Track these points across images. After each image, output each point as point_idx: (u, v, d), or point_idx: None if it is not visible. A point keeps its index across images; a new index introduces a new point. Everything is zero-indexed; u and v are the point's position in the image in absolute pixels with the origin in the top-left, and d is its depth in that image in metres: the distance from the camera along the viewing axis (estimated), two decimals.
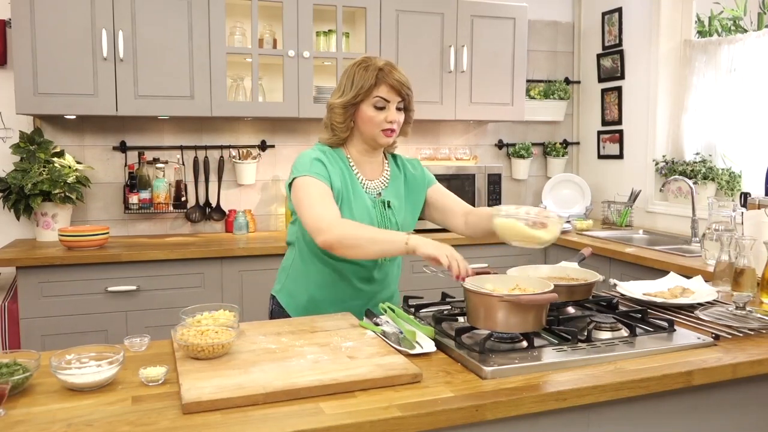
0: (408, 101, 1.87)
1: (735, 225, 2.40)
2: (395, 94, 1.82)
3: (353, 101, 1.82)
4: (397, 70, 1.84)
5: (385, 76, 1.81)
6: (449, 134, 4.13)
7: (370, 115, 1.82)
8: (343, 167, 1.87)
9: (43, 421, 1.15)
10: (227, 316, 1.60)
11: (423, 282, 3.19)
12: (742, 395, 1.55)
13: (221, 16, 3.22)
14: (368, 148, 1.90)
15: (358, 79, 1.82)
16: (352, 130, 1.88)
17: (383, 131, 1.84)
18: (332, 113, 1.86)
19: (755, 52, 3.30)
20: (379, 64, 1.82)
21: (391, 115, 1.83)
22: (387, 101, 1.82)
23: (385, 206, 1.90)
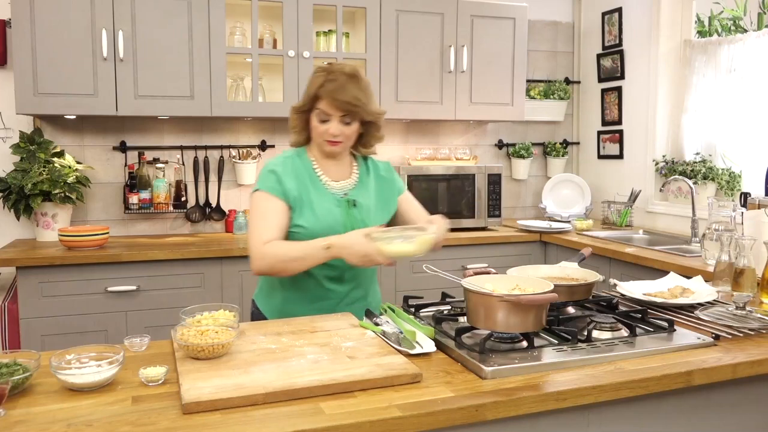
0: (355, 115, 1.85)
1: (735, 225, 2.40)
2: (336, 109, 1.82)
3: (303, 109, 1.87)
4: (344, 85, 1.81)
5: (327, 90, 1.81)
6: (449, 134, 4.13)
7: (315, 126, 1.86)
8: (304, 171, 1.89)
9: (43, 421, 1.15)
10: (227, 316, 1.60)
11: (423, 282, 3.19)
12: (742, 395, 1.55)
13: (221, 16, 3.22)
14: (325, 158, 1.93)
15: (309, 88, 1.86)
16: (307, 133, 1.92)
17: (327, 141, 1.86)
18: (291, 115, 1.93)
19: (755, 52, 3.30)
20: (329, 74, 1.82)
21: (333, 129, 1.84)
22: (328, 115, 1.83)
23: (351, 205, 1.90)
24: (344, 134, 1.86)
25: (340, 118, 1.83)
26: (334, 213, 1.87)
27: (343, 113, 1.83)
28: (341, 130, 1.84)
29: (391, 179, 2.05)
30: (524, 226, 3.73)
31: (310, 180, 1.89)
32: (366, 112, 1.86)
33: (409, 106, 3.62)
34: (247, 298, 3.12)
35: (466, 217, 3.68)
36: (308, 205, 1.85)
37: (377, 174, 2.02)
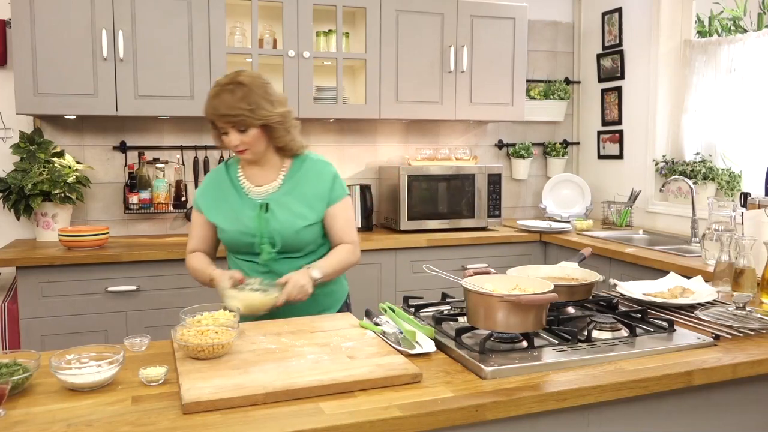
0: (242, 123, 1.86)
1: (735, 225, 2.40)
2: (220, 122, 1.87)
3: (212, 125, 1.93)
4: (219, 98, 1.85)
5: (208, 107, 1.88)
6: (449, 134, 4.13)
7: (221, 139, 1.93)
8: (228, 180, 2.02)
9: (43, 421, 1.15)
10: (227, 316, 1.60)
11: (423, 282, 3.19)
12: (742, 395, 1.55)
13: (221, 16, 3.22)
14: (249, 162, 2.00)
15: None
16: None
17: (236, 152, 1.93)
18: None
19: (755, 52, 3.30)
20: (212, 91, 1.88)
21: (230, 140, 1.89)
22: (221, 127, 1.89)
23: (263, 210, 1.94)
24: (245, 142, 1.89)
25: (234, 129, 1.87)
26: (247, 217, 1.95)
27: (231, 124, 1.86)
28: (240, 139, 1.88)
29: (325, 185, 2.00)
30: (524, 226, 3.73)
31: (234, 188, 2.00)
32: (253, 117, 1.86)
33: (409, 106, 3.62)
34: None
35: (466, 217, 3.68)
36: (226, 212, 1.98)
37: (309, 177, 2.01)
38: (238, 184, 2.01)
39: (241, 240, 1.96)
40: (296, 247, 1.98)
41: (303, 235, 1.97)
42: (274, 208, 1.95)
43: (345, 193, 2.05)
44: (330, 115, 3.50)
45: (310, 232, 1.98)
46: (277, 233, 1.94)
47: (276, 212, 1.95)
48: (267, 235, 1.93)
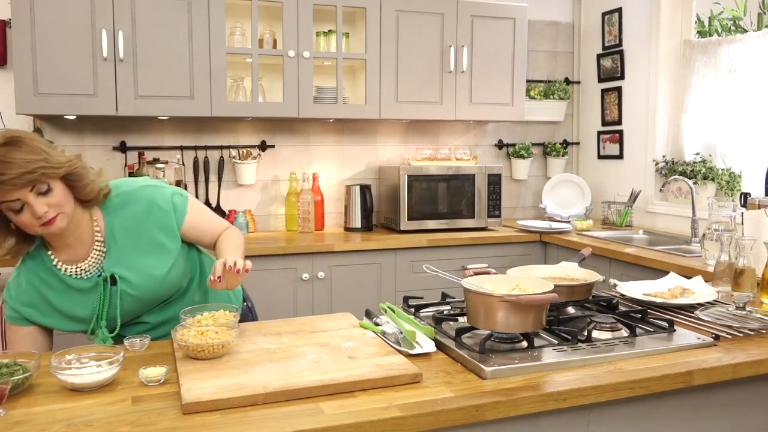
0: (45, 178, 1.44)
1: (735, 225, 2.40)
2: (17, 189, 1.41)
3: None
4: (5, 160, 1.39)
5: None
6: (449, 134, 4.13)
7: (15, 220, 1.47)
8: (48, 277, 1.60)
9: (43, 421, 1.15)
10: (227, 316, 1.60)
11: (423, 282, 3.20)
12: (742, 395, 1.55)
13: (221, 16, 3.22)
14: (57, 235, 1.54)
15: None
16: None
17: (41, 227, 1.47)
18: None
19: (755, 52, 3.30)
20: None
21: (37, 210, 1.44)
22: (16, 200, 1.43)
23: (108, 284, 1.62)
24: (53, 204, 1.47)
25: (33, 194, 1.44)
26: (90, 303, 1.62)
27: (30, 186, 1.43)
28: (46, 202, 1.46)
29: (155, 212, 1.65)
30: (524, 227, 3.73)
31: (56, 279, 1.60)
32: (53, 166, 1.46)
33: (409, 106, 3.62)
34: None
35: (466, 217, 3.68)
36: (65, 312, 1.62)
37: (135, 216, 1.64)
38: (56, 272, 1.59)
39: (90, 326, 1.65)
40: (164, 298, 1.70)
41: (169, 281, 1.67)
42: (122, 275, 1.61)
43: (184, 198, 1.71)
44: (330, 115, 3.50)
45: (174, 274, 1.68)
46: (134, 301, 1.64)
47: (126, 277, 1.61)
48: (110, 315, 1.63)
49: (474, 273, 1.71)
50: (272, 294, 3.15)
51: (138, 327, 1.73)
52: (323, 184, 3.78)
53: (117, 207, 1.64)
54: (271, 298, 3.14)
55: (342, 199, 3.84)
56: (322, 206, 3.70)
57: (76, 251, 1.60)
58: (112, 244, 1.62)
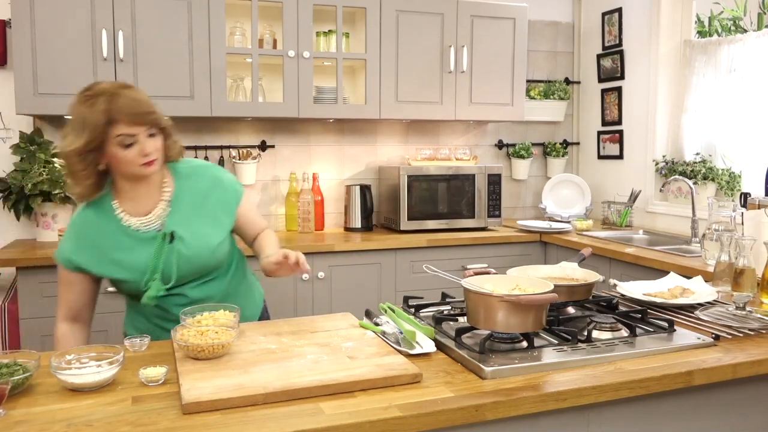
0: (157, 123, 1.63)
1: (735, 225, 2.40)
2: (139, 125, 1.58)
3: (90, 147, 1.57)
4: (133, 97, 1.59)
5: (118, 111, 1.55)
6: (449, 134, 4.13)
7: (121, 156, 1.59)
8: (108, 224, 1.68)
9: (43, 421, 1.15)
10: (227, 317, 1.60)
11: (423, 282, 3.20)
12: (742, 395, 1.55)
13: (221, 16, 3.22)
14: (133, 183, 1.67)
15: (88, 120, 1.55)
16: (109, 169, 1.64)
17: (143, 165, 1.61)
18: (68, 162, 1.60)
19: (755, 52, 3.30)
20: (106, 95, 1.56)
21: (145, 148, 1.60)
22: (133, 135, 1.58)
23: (167, 240, 1.68)
24: (157, 149, 1.63)
25: (146, 134, 1.60)
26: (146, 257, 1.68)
27: (148, 126, 1.60)
28: (153, 145, 1.62)
29: (218, 190, 1.79)
30: (524, 227, 3.73)
31: (117, 228, 1.68)
32: (161, 117, 1.65)
33: (409, 106, 3.62)
34: None
35: (466, 217, 3.68)
36: (115, 263, 1.68)
37: (197, 186, 1.77)
38: (119, 222, 1.68)
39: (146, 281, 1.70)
40: (206, 270, 1.76)
41: (218, 254, 1.76)
42: (181, 235, 1.69)
43: (242, 187, 1.87)
44: (330, 115, 3.50)
45: (222, 250, 1.78)
46: (184, 262, 1.70)
47: (184, 238, 1.69)
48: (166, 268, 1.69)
49: (474, 273, 1.71)
50: (272, 294, 3.14)
51: (179, 299, 1.76)
52: (323, 184, 3.78)
53: (186, 175, 1.77)
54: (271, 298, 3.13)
55: (342, 199, 3.84)
56: (322, 206, 3.70)
57: (142, 205, 1.70)
58: (177, 206, 1.72)
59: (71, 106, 1.61)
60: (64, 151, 1.60)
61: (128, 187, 1.68)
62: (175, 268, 1.69)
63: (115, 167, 1.64)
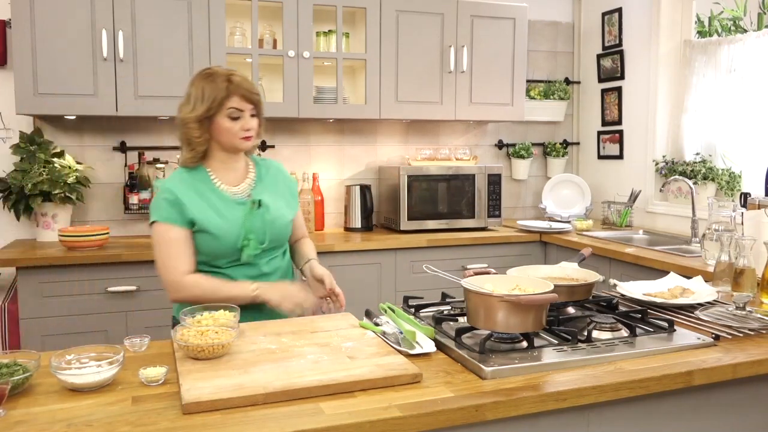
0: (260, 108, 1.92)
1: (735, 225, 2.40)
2: (247, 102, 1.87)
3: (207, 114, 1.84)
4: (245, 78, 1.89)
5: (236, 87, 1.85)
6: (449, 134, 4.13)
7: (227, 126, 1.86)
8: (203, 186, 1.90)
9: (43, 421, 1.15)
10: (227, 317, 1.60)
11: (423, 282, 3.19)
12: (742, 395, 1.55)
13: (221, 16, 3.22)
14: (229, 155, 1.94)
15: (208, 92, 1.84)
16: (209, 142, 1.90)
17: (242, 139, 1.88)
18: (187, 128, 1.87)
19: (755, 52, 3.30)
20: (226, 74, 1.86)
21: (247, 124, 1.88)
22: (241, 111, 1.86)
23: (256, 206, 1.91)
24: (254, 128, 1.90)
25: (250, 113, 1.89)
26: (238, 217, 1.88)
27: (253, 105, 1.89)
28: (253, 124, 1.89)
29: (289, 181, 2.10)
30: (524, 227, 3.73)
31: (211, 191, 1.90)
32: (263, 103, 1.94)
33: (409, 106, 3.62)
34: None
35: (466, 217, 3.68)
36: (213, 221, 1.85)
37: (275, 173, 2.06)
38: (215, 187, 1.91)
39: (234, 245, 1.87)
40: (281, 241, 2.01)
41: (289, 230, 2.02)
42: (267, 204, 1.93)
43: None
44: (330, 115, 3.50)
45: (291, 228, 2.04)
46: (269, 227, 1.92)
47: (269, 206, 1.93)
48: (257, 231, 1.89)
49: (474, 273, 1.71)
50: None
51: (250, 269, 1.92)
52: (323, 184, 3.78)
53: (262, 163, 2.06)
54: None
55: (342, 199, 3.84)
56: (322, 206, 3.70)
57: (233, 177, 1.95)
58: (259, 183, 1.99)
59: (192, 82, 1.89)
60: (186, 118, 1.86)
61: (224, 158, 1.93)
62: (267, 229, 1.91)
63: (218, 137, 1.88)
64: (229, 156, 1.94)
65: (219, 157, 1.93)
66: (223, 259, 1.89)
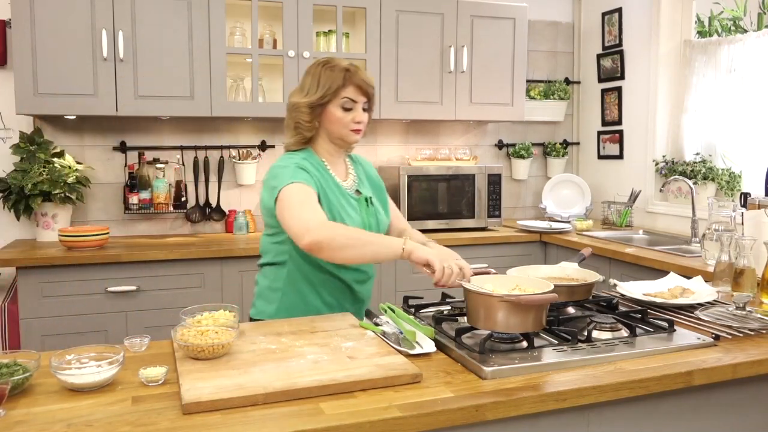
0: (372, 102, 1.90)
1: (735, 225, 2.40)
2: (362, 94, 1.84)
3: (320, 102, 1.82)
4: (363, 70, 1.87)
5: (353, 77, 1.83)
6: (449, 134, 4.13)
7: (339, 116, 1.83)
8: (322, 171, 1.86)
9: (43, 421, 1.15)
10: (227, 317, 1.60)
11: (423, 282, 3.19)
12: (742, 395, 1.55)
13: (221, 16, 3.22)
14: (335, 147, 1.91)
15: (324, 80, 1.82)
16: (317, 130, 1.87)
17: (352, 131, 1.85)
18: (297, 113, 1.85)
19: (755, 52, 3.30)
20: (344, 64, 1.84)
21: (359, 116, 1.85)
22: (354, 102, 1.84)
23: (368, 203, 1.92)
24: (364, 122, 1.88)
25: (362, 106, 1.86)
26: (357, 213, 1.87)
27: (366, 99, 1.86)
28: (364, 117, 1.87)
29: (379, 179, 2.09)
30: (524, 227, 3.73)
31: (330, 178, 1.87)
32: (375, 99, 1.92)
33: (409, 106, 3.62)
34: (247, 298, 3.12)
35: (466, 217, 3.68)
36: (336, 205, 1.82)
37: (368, 170, 2.06)
38: (330, 175, 1.88)
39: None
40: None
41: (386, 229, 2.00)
42: (373, 202, 1.93)
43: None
44: None
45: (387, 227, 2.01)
46: (381, 227, 1.93)
47: (376, 206, 1.93)
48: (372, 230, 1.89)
49: (474, 273, 1.71)
50: None
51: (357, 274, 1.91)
52: None
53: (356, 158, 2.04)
54: None
55: None
56: None
57: (340, 170, 1.94)
58: (360, 180, 1.98)
59: (309, 70, 1.88)
60: (299, 102, 1.84)
61: (331, 150, 1.91)
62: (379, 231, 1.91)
63: (328, 126, 1.85)
64: (335, 149, 1.91)
65: (326, 149, 1.90)
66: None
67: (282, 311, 1.87)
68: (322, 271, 1.85)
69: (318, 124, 1.86)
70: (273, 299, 1.90)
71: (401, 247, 1.65)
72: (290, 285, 1.87)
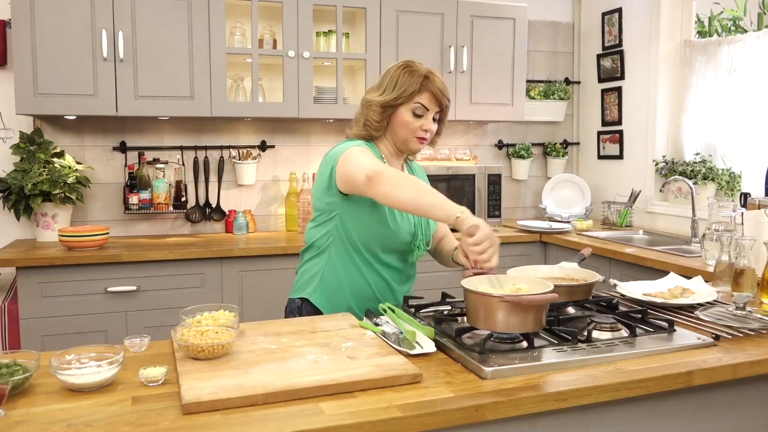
0: (444, 113, 1.89)
1: (735, 225, 2.40)
2: (435, 103, 1.84)
3: (393, 102, 1.83)
4: (442, 81, 1.86)
5: (430, 84, 1.82)
6: (449, 134, 4.13)
7: (407, 120, 1.84)
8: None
9: (43, 421, 1.15)
10: (227, 317, 1.60)
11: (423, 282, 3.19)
12: (742, 395, 1.55)
13: (221, 16, 3.22)
14: (396, 150, 1.92)
15: (402, 82, 1.82)
16: (384, 130, 1.88)
17: (417, 138, 1.86)
18: (369, 110, 1.87)
19: (755, 52, 3.30)
20: (424, 71, 1.84)
21: (428, 124, 1.85)
22: (426, 109, 1.84)
23: None
24: (432, 132, 1.88)
25: (433, 115, 1.86)
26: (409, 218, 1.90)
27: (440, 108, 1.86)
28: (432, 126, 1.86)
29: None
30: (524, 227, 3.73)
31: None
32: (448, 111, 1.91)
33: None
34: (247, 298, 3.14)
35: None
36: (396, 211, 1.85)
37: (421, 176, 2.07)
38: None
39: (403, 239, 1.89)
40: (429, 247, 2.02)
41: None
42: None
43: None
44: (330, 116, 3.50)
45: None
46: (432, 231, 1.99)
47: None
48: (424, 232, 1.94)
49: (474, 273, 1.71)
50: (272, 294, 3.15)
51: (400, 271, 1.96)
52: None
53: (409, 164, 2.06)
54: (271, 298, 3.14)
55: None
56: None
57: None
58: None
59: (388, 70, 1.88)
60: (372, 100, 1.85)
61: (393, 152, 1.92)
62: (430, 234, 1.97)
63: (396, 128, 1.85)
64: (397, 152, 1.92)
65: (388, 149, 1.92)
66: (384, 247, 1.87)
67: (322, 296, 1.90)
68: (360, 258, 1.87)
69: (386, 124, 1.87)
70: (312, 282, 1.92)
71: (456, 215, 1.67)
72: (330, 271, 1.90)
